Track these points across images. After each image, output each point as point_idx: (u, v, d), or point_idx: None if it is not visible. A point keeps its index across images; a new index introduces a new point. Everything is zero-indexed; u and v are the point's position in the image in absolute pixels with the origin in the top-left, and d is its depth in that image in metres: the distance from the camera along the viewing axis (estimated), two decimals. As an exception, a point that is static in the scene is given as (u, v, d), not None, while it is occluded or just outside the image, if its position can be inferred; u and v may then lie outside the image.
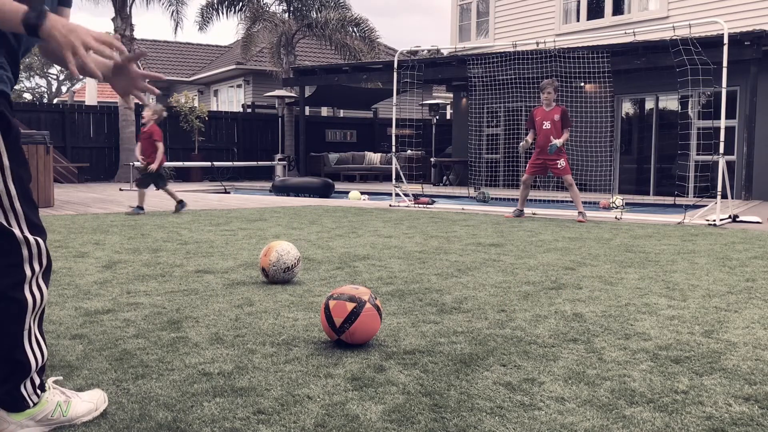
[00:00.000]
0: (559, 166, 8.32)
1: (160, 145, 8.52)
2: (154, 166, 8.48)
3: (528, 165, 8.64)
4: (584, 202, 8.70)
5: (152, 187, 8.89)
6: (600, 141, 14.46)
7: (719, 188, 8.08)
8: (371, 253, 5.18)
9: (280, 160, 18.75)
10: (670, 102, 14.76)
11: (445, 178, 17.94)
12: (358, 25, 20.95)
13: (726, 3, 13.34)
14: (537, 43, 11.22)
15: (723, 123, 8.15)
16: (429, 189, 14.84)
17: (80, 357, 2.52)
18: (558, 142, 8.21)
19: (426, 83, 17.65)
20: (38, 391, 1.87)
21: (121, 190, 13.84)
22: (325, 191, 13.36)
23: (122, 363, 2.45)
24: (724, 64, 8.05)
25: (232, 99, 26.11)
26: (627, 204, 11.09)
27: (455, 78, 16.59)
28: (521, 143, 8.62)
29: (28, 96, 52.43)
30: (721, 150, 8.09)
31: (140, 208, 8.42)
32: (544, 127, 8.37)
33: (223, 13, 21.66)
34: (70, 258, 4.80)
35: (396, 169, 10.78)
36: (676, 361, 2.54)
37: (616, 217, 8.49)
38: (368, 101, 22.87)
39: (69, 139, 18.07)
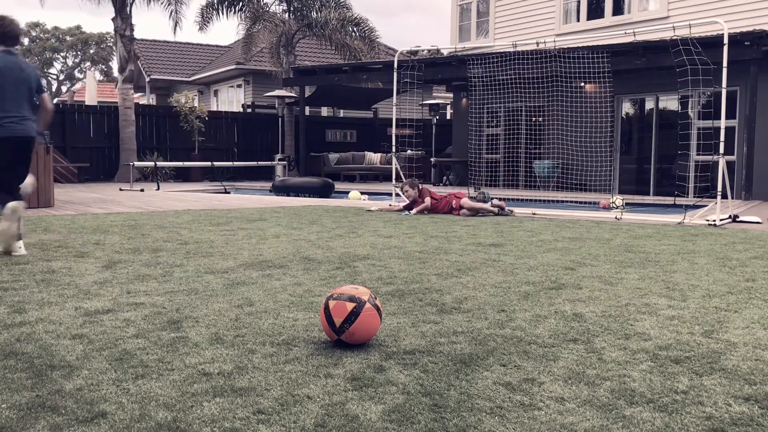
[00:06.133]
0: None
1: None
2: None
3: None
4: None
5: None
6: (600, 141, 14.45)
7: (719, 188, 8.08)
8: (371, 253, 5.18)
9: (280, 160, 18.75)
10: (670, 102, 14.75)
11: (445, 178, 17.94)
12: (358, 25, 20.95)
13: (726, 3, 13.34)
14: (537, 43, 11.22)
15: (723, 123, 8.15)
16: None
17: (80, 357, 2.52)
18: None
19: (426, 83, 17.64)
20: None
21: (121, 190, 13.82)
22: (325, 191, 13.34)
23: (122, 363, 2.45)
24: (724, 64, 8.05)
25: (232, 99, 26.11)
26: (627, 204, 11.08)
27: (455, 78, 16.59)
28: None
29: (28, 96, 52.27)
30: (721, 150, 8.09)
31: None
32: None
33: (223, 13, 21.65)
34: (70, 258, 4.80)
35: (396, 169, 10.77)
36: (676, 361, 2.54)
37: (616, 217, 8.49)
38: (368, 101, 22.86)
39: (69, 139, 18.06)
